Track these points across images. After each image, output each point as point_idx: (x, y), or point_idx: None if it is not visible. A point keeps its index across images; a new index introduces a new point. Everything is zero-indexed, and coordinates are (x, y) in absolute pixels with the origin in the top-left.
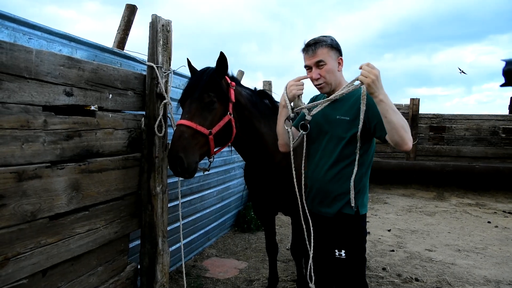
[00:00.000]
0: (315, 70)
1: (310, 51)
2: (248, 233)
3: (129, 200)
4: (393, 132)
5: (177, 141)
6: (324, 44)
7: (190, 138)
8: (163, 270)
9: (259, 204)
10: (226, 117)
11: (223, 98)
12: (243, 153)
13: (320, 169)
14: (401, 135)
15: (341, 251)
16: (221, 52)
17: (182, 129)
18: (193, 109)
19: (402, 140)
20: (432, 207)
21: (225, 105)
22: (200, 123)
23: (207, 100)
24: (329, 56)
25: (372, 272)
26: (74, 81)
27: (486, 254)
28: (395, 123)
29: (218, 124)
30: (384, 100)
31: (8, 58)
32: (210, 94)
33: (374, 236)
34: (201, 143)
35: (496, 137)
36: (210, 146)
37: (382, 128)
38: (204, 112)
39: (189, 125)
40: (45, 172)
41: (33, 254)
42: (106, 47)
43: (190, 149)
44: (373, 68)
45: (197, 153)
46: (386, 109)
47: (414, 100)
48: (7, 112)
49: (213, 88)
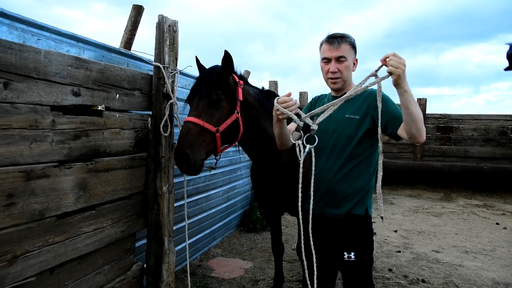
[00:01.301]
0: (334, 64)
1: (336, 43)
2: (254, 233)
3: (135, 199)
4: (412, 124)
5: (184, 138)
6: (349, 40)
7: (197, 135)
8: (169, 269)
9: (265, 204)
10: (234, 116)
11: (230, 96)
12: (250, 152)
13: (328, 169)
14: (418, 127)
15: (350, 253)
16: (226, 51)
17: (189, 126)
18: (200, 107)
19: (419, 131)
20: (439, 208)
21: (233, 103)
22: (208, 121)
23: (215, 97)
24: (349, 54)
25: (378, 273)
26: (81, 81)
27: (494, 256)
28: (415, 115)
29: (225, 122)
30: (408, 90)
31: (17, 59)
32: (218, 92)
33: (380, 237)
34: (208, 140)
35: (505, 138)
36: (217, 144)
37: (393, 124)
38: (212, 110)
39: (196, 122)
40: (53, 171)
41: (41, 252)
42: (113, 48)
43: (196, 146)
44: (400, 58)
45: (204, 150)
46: (410, 100)
47: (421, 100)
48: (16, 112)
49: (220, 86)
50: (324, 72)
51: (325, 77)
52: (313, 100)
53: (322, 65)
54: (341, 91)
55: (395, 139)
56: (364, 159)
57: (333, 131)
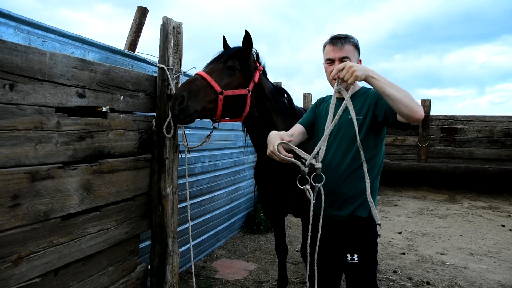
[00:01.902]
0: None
1: (339, 44)
2: (258, 234)
3: (139, 201)
4: (398, 104)
5: (186, 84)
6: (352, 41)
7: (200, 87)
8: (173, 270)
9: (269, 205)
10: (243, 90)
11: (246, 71)
12: (258, 144)
13: (332, 171)
14: (406, 104)
15: (353, 255)
16: (246, 31)
17: (196, 77)
18: (214, 68)
19: (410, 109)
20: (444, 209)
21: (246, 79)
22: (216, 80)
23: (230, 64)
24: (353, 55)
25: (382, 275)
26: (86, 83)
27: (499, 258)
28: (395, 95)
29: (232, 90)
30: (374, 76)
31: (23, 61)
32: (235, 61)
33: (384, 239)
34: (209, 98)
35: (510, 139)
36: (217, 106)
37: (391, 113)
38: (223, 74)
39: (204, 77)
40: (58, 172)
41: (46, 253)
42: (117, 49)
43: (195, 95)
44: (346, 67)
45: (201, 103)
46: (381, 85)
47: (425, 101)
48: (22, 113)
49: (239, 57)
50: (328, 73)
51: (329, 78)
52: (318, 101)
53: (325, 66)
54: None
55: (401, 128)
56: (369, 160)
57: (337, 133)
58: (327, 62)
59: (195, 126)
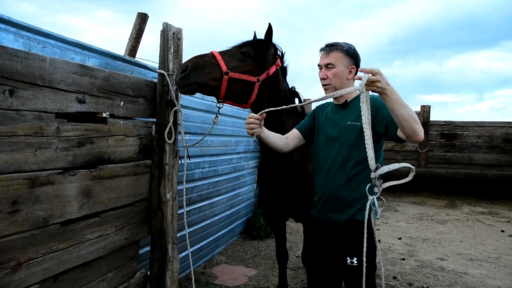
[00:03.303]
0: (323, 71)
1: (325, 51)
2: (258, 240)
3: (139, 206)
4: (403, 124)
5: (196, 57)
6: (340, 49)
7: (207, 63)
8: (173, 277)
9: (271, 208)
10: (252, 78)
11: (260, 60)
12: None
13: (332, 176)
14: (410, 126)
15: (353, 259)
16: (269, 23)
17: (207, 54)
18: (228, 51)
19: (413, 132)
20: (444, 215)
21: (259, 68)
22: (225, 61)
23: (244, 50)
24: (340, 61)
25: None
26: (86, 89)
27: (499, 263)
28: (404, 116)
29: (239, 74)
30: (390, 94)
31: (23, 67)
32: (250, 49)
33: (384, 244)
34: (214, 75)
35: (510, 145)
36: (221, 86)
37: (392, 126)
38: (235, 57)
39: (214, 55)
40: (57, 178)
41: (45, 259)
42: (117, 55)
43: (200, 68)
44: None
45: (204, 77)
46: (393, 103)
47: (424, 107)
48: (21, 119)
49: (256, 46)
50: (320, 78)
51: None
52: (317, 108)
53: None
54: (342, 98)
55: (398, 142)
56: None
57: (336, 139)
58: (318, 68)
59: (195, 132)
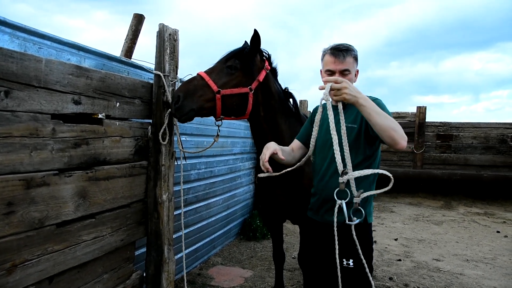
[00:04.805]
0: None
1: (341, 56)
2: (254, 241)
3: (135, 208)
4: (382, 133)
5: (185, 84)
6: (353, 53)
7: (197, 87)
8: (169, 278)
9: (268, 210)
10: (244, 89)
11: (247, 69)
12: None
13: (328, 178)
14: (389, 135)
15: (349, 260)
16: (255, 29)
17: (195, 77)
18: (214, 68)
19: (392, 140)
20: (440, 216)
21: (248, 77)
22: (214, 80)
23: (230, 64)
24: (353, 67)
25: (378, 282)
26: (82, 90)
27: (495, 264)
28: (381, 125)
29: (231, 89)
30: (363, 103)
31: (18, 67)
32: (235, 61)
33: (380, 245)
34: (206, 97)
35: (505, 146)
36: (216, 105)
37: None
38: (222, 73)
39: (203, 77)
40: (53, 179)
41: (40, 261)
42: (113, 56)
43: (192, 95)
44: (339, 83)
45: (197, 102)
46: (368, 112)
47: (420, 108)
48: (17, 120)
49: (240, 57)
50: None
51: None
52: (314, 111)
53: (323, 76)
54: None
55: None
56: (364, 167)
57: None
58: (326, 73)
59: (191, 133)
